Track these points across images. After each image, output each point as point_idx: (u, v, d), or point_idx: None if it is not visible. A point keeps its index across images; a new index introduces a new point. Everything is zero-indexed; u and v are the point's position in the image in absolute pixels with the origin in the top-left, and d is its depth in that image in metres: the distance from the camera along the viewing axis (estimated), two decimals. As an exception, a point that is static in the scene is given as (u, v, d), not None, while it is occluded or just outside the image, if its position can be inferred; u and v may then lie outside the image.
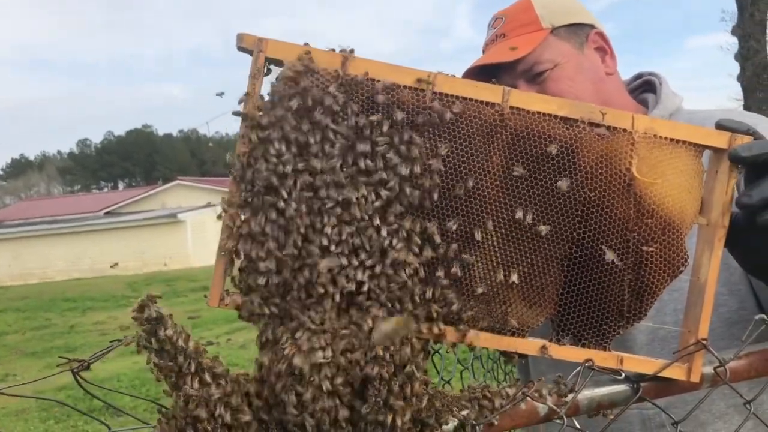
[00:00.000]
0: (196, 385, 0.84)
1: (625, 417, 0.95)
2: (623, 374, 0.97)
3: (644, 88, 1.62)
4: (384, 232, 0.88)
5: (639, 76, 1.64)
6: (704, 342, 0.96)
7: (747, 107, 13.05)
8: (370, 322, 0.87)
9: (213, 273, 0.90)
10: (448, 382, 1.61)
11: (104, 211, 33.67)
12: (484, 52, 1.55)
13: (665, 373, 0.97)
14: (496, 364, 2.16)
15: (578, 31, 1.51)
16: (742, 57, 13.61)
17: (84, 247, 27.68)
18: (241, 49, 0.91)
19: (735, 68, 13.94)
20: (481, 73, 1.46)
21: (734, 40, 13.94)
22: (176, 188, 35.02)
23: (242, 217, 0.89)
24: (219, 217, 0.90)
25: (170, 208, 30.99)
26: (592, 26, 1.53)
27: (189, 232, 27.40)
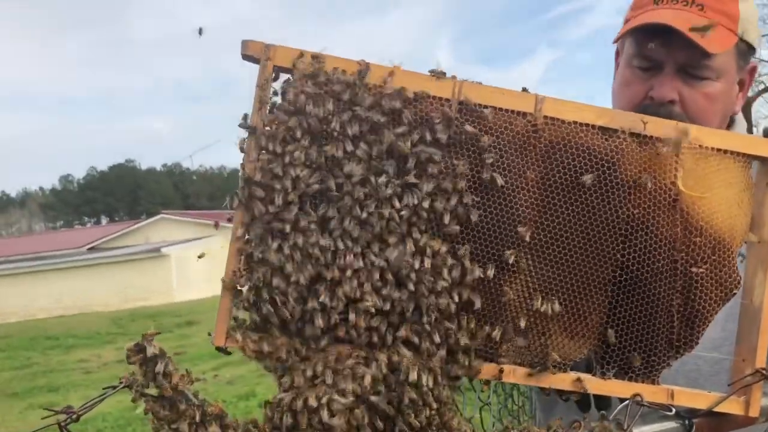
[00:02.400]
0: (201, 436, 0.74)
1: None
2: (674, 410, 0.88)
3: None
4: (413, 255, 0.79)
5: None
6: (764, 372, 0.87)
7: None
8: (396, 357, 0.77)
9: (218, 308, 0.80)
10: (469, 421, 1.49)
11: (87, 247, 33.18)
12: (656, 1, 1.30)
13: (721, 408, 0.87)
14: (510, 399, 2.05)
15: (747, 55, 1.33)
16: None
17: (67, 284, 27.24)
18: (246, 57, 0.82)
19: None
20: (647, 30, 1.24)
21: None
22: (160, 222, 34.56)
23: (252, 244, 0.79)
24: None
25: (154, 243, 30.59)
26: (753, 53, 1.36)
27: (173, 267, 27.07)
